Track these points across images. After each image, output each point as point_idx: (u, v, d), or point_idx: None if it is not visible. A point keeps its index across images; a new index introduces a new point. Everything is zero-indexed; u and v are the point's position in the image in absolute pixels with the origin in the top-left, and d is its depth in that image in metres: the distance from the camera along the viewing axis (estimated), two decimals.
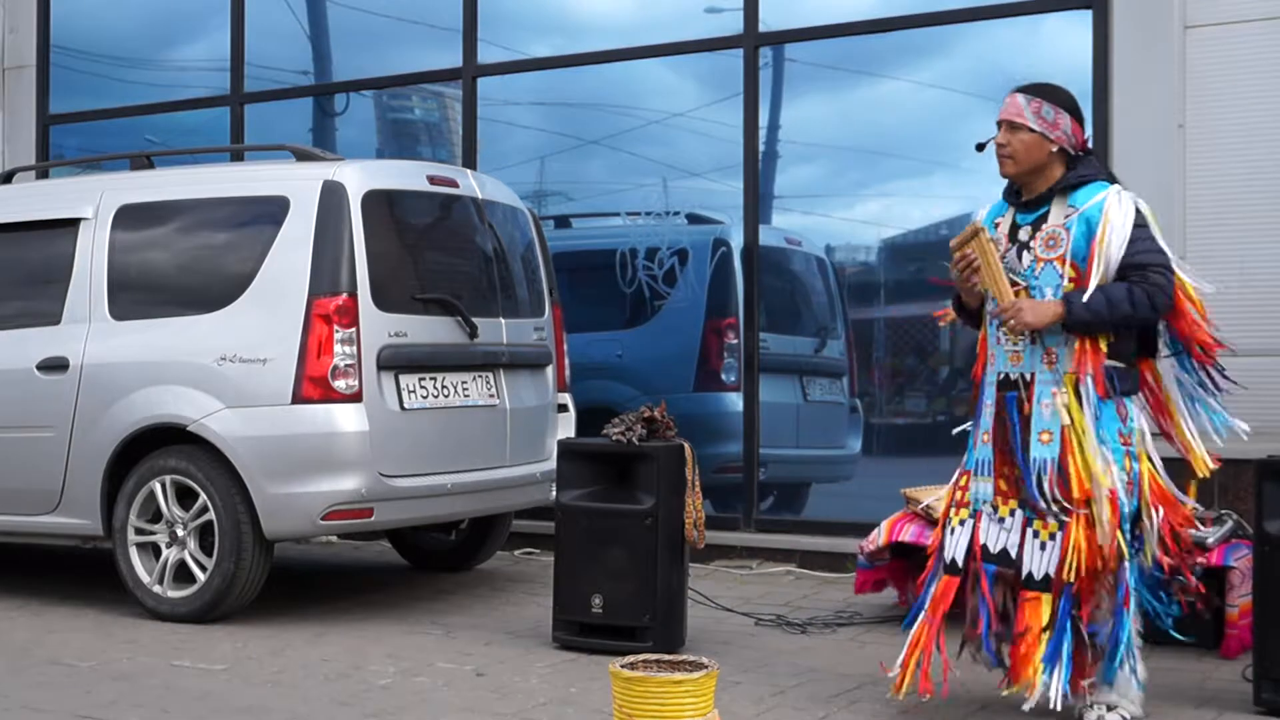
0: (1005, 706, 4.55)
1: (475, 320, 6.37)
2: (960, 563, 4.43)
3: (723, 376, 7.98)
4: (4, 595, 6.63)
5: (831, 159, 8.31)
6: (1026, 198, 4.45)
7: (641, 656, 3.86)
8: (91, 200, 6.48)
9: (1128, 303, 4.23)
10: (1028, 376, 4.35)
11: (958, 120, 7.57)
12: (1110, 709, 4.37)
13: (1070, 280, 4.30)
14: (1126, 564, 4.29)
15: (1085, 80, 6.75)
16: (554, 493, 5.61)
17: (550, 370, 6.99)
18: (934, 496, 5.51)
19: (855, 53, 7.67)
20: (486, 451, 6.44)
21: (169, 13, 9.86)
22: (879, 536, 5.82)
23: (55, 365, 6.29)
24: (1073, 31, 6.91)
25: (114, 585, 6.26)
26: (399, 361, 6.03)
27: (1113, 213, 4.28)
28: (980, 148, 4.48)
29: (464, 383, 6.36)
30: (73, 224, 6.46)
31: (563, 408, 7.06)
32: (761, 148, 7.73)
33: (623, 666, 3.72)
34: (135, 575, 6.08)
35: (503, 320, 6.60)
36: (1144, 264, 4.26)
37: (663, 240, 8.13)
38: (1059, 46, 7.15)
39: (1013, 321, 4.29)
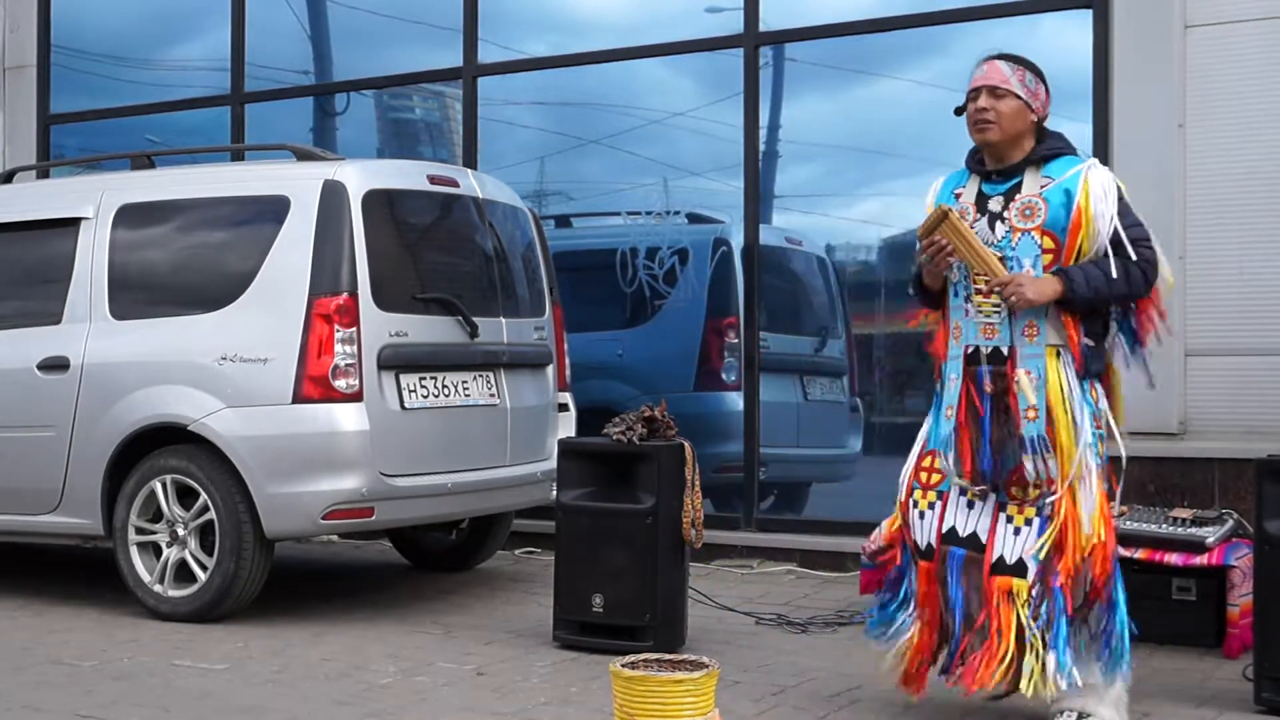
0: (1005, 704, 4.56)
1: (476, 320, 6.37)
2: (932, 546, 4.25)
3: (723, 376, 7.99)
4: (5, 595, 6.63)
5: (831, 158, 8.31)
6: (995, 167, 4.29)
7: (642, 656, 3.86)
8: (92, 200, 6.48)
9: (1125, 280, 4.12)
10: (1005, 350, 4.16)
11: (957, 120, 7.55)
12: (1083, 716, 4.14)
13: (1047, 251, 4.14)
14: (1116, 551, 4.17)
15: (1085, 80, 6.76)
16: (554, 492, 5.61)
17: (551, 370, 6.99)
18: None
19: (855, 52, 7.68)
20: (487, 451, 6.44)
21: (169, 12, 9.87)
22: (880, 536, 5.81)
23: (56, 365, 6.29)
24: (1072, 31, 6.92)
25: (115, 585, 6.26)
26: (399, 361, 6.03)
27: (1094, 184, 4.15)
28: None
29: (464, 382, 6.36)
30: (73, 223, 6.46)
31: (563, 407, 7.06)
32: (762, 147, 7.73)
33: (623, 666, 3.72)
34: (136, 575, 6.08)
35: (503, 320, 6.60)
36: (1134, 238, 4.14)
37: (663, 240, 8.14)
38: (1058, 46, 7.15)
39: (1014, 298, 4.08)
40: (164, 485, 6.03)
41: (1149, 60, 6.54)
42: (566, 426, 7.01)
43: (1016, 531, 4.14)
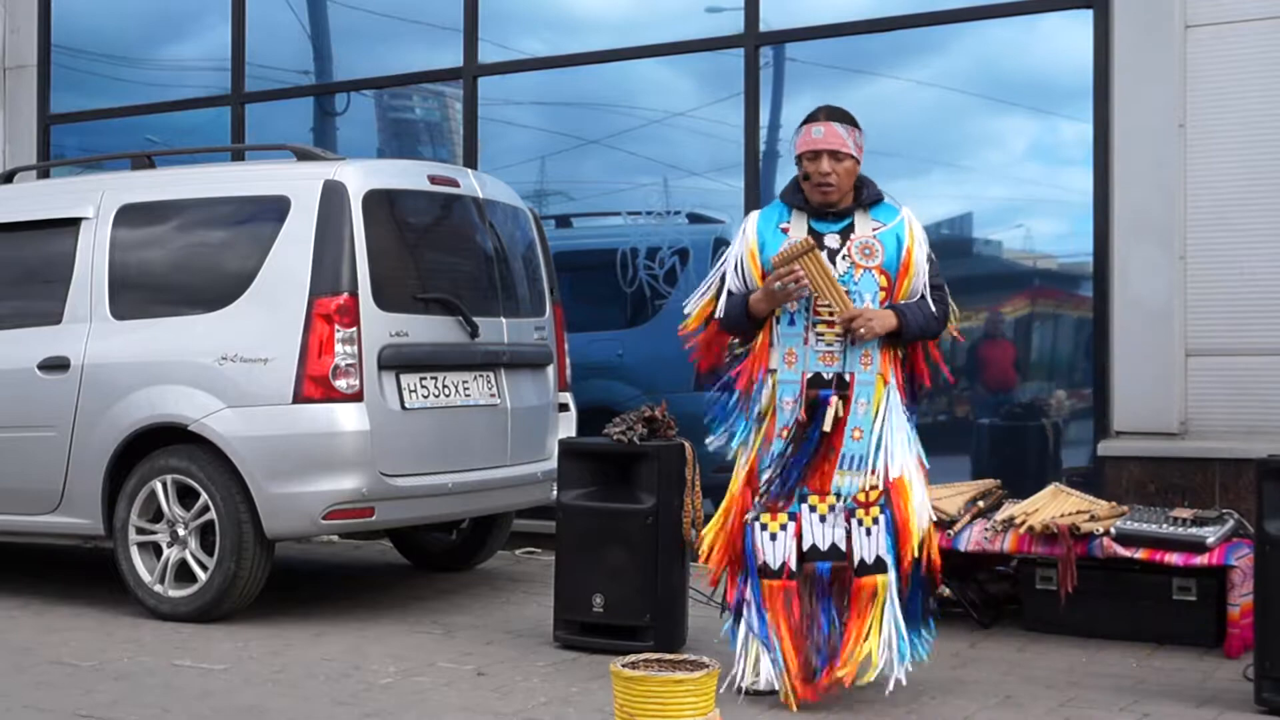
0: (1005, 704, 4.56)
1: (476, 320, 6.37)
2: (794, 567, 4.58)
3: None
4: (5, 595, 6.63)
5: None
6: (828, 210, 4.68)
7: (642, 656, 3.86)
8: (92, 200, 6.49)
9: (935, 320, 4.69)
10: (846, 376, 4.60)
11: (957, 119, 7.56)
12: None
13: (883, 289, 4.62)
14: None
15: (1086, 80, 6.76)
16: (555, 492, 5.61)
17: (551, 370, 6.99)
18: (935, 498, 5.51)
19: (855, 52, 7.67)
20: (487, 451, 6.44)
21: (169, 12, 9.86)
22: None
23: (56, 365, 6.29)
24: (1073, 31, 6.91)
25: (115, 585, 6.26)
26: (400, 361, 6.03)
27: (916, 233, 4.70)
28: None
29: (465, 382, 6.36)
30: (74, 223, 6.47)
31: (564, 407, 7.06)
32: (762, 147, 7.73)
33: (624, 666, 3.72)
34: (136, 575, 6.08)
35: (504, 320, 6.60)
36: (939, 285, 4.72)
37: (663, 240, 8.13)
38: (1058, 45, 7.15)
39: (863, 330, 4.53)
40: (164, 485, 6.03)
41: (1149, 60, 6.53)
42: (567, 426, 7.01)
43: (868, 533, 4.56)
